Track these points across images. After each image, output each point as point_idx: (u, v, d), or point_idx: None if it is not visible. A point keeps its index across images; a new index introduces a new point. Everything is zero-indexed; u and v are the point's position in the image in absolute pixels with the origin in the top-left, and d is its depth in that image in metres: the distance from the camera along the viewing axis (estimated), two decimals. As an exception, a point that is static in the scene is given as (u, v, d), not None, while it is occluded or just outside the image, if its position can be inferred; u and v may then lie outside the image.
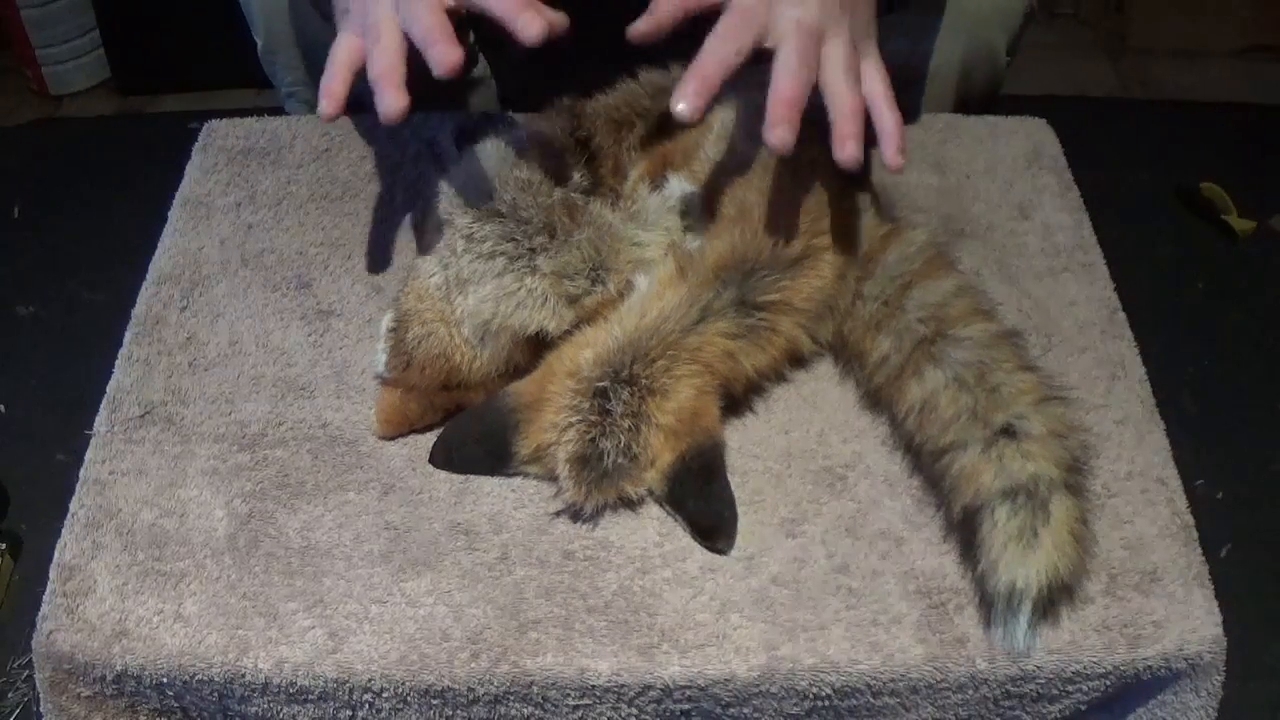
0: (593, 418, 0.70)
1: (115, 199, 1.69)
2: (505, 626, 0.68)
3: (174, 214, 0.92)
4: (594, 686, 0.67)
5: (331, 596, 0.70)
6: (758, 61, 0.70)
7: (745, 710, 0.68)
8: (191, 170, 0.95)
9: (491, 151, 0.80)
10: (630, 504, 0.73)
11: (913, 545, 0.72)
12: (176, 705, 0.71)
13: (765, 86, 0.73)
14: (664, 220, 0.77)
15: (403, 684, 0.67)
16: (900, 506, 0.74)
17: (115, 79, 1.95)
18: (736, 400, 0.77)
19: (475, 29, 0.92)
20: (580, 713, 0.68)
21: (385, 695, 0.67)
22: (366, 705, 0.68)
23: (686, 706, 0.68)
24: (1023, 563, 0.66)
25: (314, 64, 1.08)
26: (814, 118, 0.69)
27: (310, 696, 0.68)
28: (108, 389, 0.80)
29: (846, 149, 0.68)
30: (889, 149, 0.70)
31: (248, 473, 0.75)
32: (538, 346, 0.75)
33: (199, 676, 0.67)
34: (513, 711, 0.68)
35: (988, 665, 0.67)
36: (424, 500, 0.74)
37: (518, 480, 0.75)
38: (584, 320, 0.74)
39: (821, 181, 0.79)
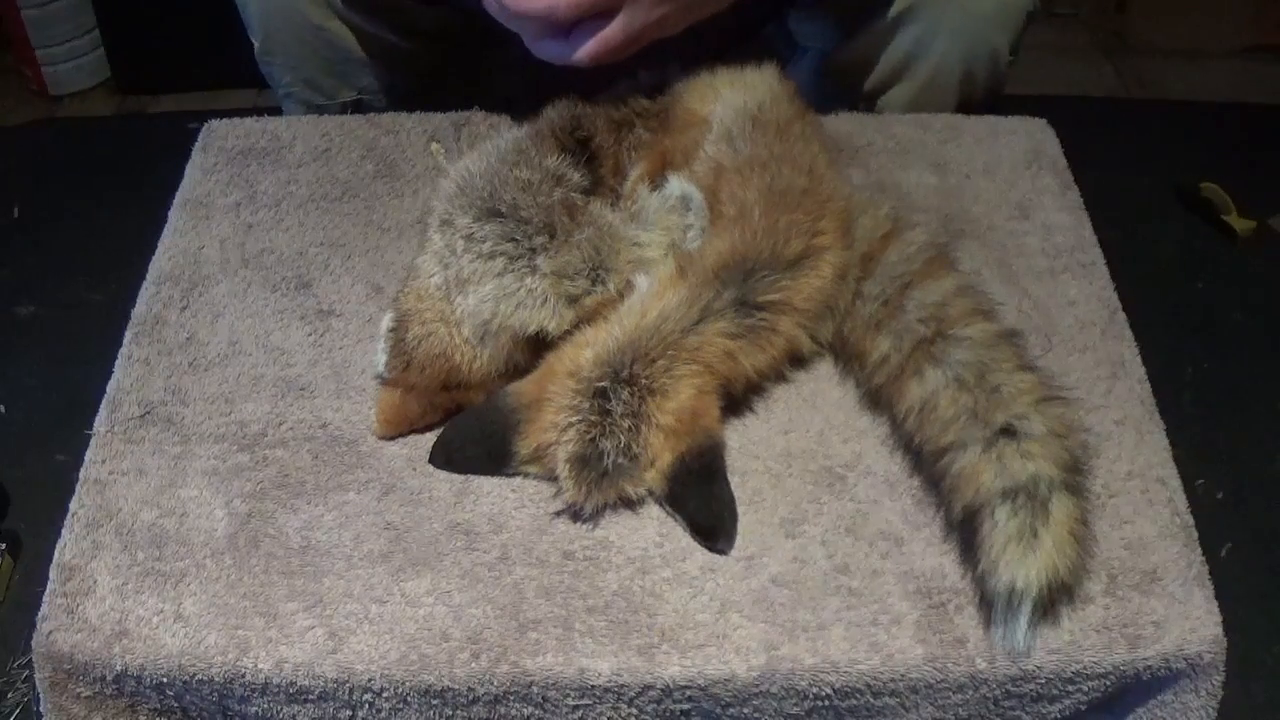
0: (593, 418, 0.70)
1: (115, 199, 1.69)
2: (505, 626, 0.68)
3: (174, 214, 0.92)
4: (594, 686, 0.67)
5: (331, 596, 0.70)
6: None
7: (745, 710, 0.68)
8: (191, 170, 0.95)
9: (491, 151, 0.80)
10: (630, 504, 0.73)
11: (913, 545, 0.72)
12: (176, 705, 0.71)
13: None
14: (664, 220, 0.77)
15: (403, 684, 0.67)
16: (900, 506, 0.74)
17: (115, 79, 1.95)
18: (736, 400, 0.77)
19: (478, 27, 0.92)
20: (580, 713, 0.68)
21: (385, 695, 0.67)
22: (366, 705, 0.68)
23: (686, 706, 0.68)
24: (1023, 563, 0.66)
25: (309, 65, 1.08)
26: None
27: (310, 696, 0.68)
28: (108, 389, 0.80)
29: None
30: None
31: (248, 473, 0.75)
32: (538, 346, 0.75)
33: (199, 676, 0.67)
34: (513, 711, 0.68)
35: (988, 665, 0.67)
36: (424, 500, 0.74)
37: (518, 480, 0.75)
38: (584, 320, 0.74)
39: (821, 180, 0.79)
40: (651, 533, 0.72)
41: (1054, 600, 0.67)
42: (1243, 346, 1.54)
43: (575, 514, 0.72)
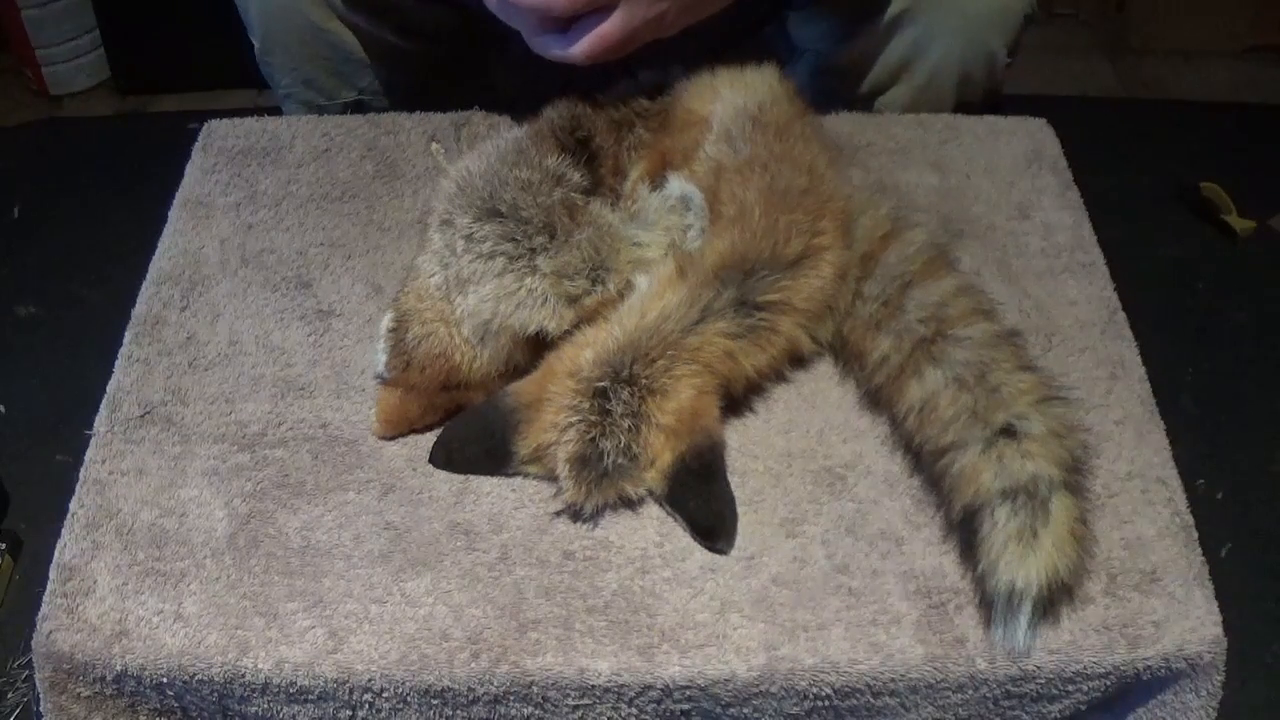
0: (593, 418, 0.70)
1: (115, 199, 1.69)
2: (505, 626, 0.68)
3: (174, 214, 0.92)
4: (594, 686, 0.67)
5: (331, 596, 0.70)
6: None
7: (745, 710, 0.68)
8: (191, 170, 0.95)
9: (491, 151, 0.80)
10: (630, 504, 0.73)
11: (913, 545, 0.72)
12: (176, 705, 0.71)
13: None
14: (664, 220, 0.77)
15: (403, 684, 0.67)
16: (900, 506, 0.74)
17: (115, 79, 1.95)
18: (736, 400, 0.77)
19: (478, 27, 0.92)
20: (580, 713, 0.68)
21: (385, 695, 0.68)
22: (366, 705, 0.68)
23: (686, 706, 0.68)
24: (1023, 563, 0.66)
25: (309, 66, 1.08)
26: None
27: (310, 696, 0.68)
28: (108, 389, 0.80)
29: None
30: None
31: (248, 473, 0.75)
32: (538, 346, 0.75)
33: (199, 676, 0.67)
34: (513, 711, 0.68)
35: (988, 665, 0.67)
36: (424, 500, 0.74)
37: (518, 480, 0.75)
38: (584, 320, 0.74)
39: (822, 180, 0.79)
40: (651, 533, 0.72)
41: (1054, 600, 0.67)
42: (1243, 346, 1.54)
43: (575, 514, 0.72)
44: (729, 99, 0.83)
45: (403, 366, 0.76)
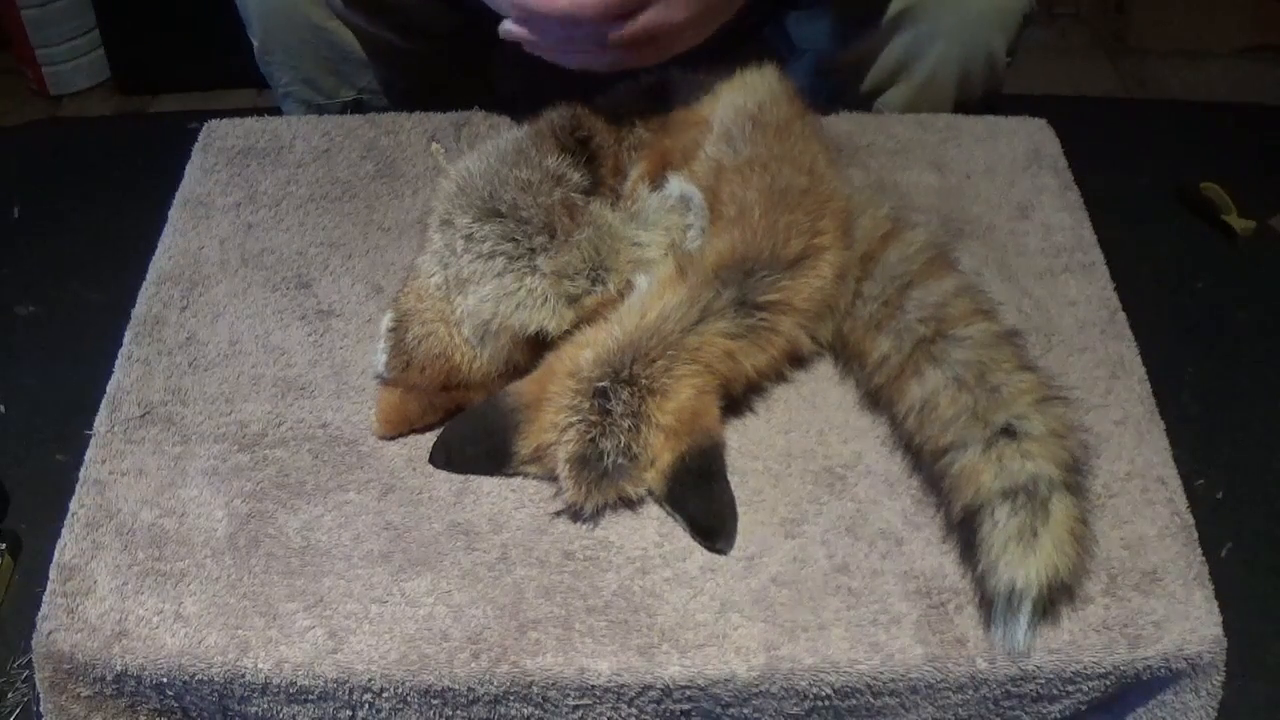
0: (593, 418, 0.70)
1: (115, 199, 1.68)
2: (505, 626, 0.68)
3: (174, 214, 0.92)
4: (594, 686, 0.67)
5: (331, 596, 0.70)
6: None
7: (745, 710, 0.68)
8: (191, 170, 0.95)
9: (491, 151, 0.80)
10: (630, 504, 0.73)
11: (913, 545, 0.72)
12: (176, 705, 0.71)
13: None
14: (664, 220, 0.77)
15: (403, 684, 0.67)
16: (900, 506, 0.74)
17: (115, 79, 1.95)
18: (736, 400, 0.77)
19: (478, 27, 0.92)
20: (580, 713, 0.68)
21: (385, 695, 0.68)
22: (366, 705, 0.68)
23: (686, 706, 0.68)
24: (1023, 562, 0.66)
25: (309, 64, 1.08)
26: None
27: (310, 696, 0.68)
28: (108, 389, 0.80)
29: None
30: None
31: (248, 473, 0.75)
32: (538, 346, 0.75)
33: (199, 676, 0.67)
34: (513, 711, 0.68)
35: (988, 665, 0.67)
36: (424, 500, 0.74)
37: (518, 480, 0.75)
38: (584, 320, 0.74)
39: (822, 180, 0.79)
40: (651, 533, 0.72)
41: (1054, 600, 0.67)
42: (1243, 346, 1.53)
43: (575, 514, 0.72)
44: (729, 99, 0.83)
45: (403, 366, 0.76)
